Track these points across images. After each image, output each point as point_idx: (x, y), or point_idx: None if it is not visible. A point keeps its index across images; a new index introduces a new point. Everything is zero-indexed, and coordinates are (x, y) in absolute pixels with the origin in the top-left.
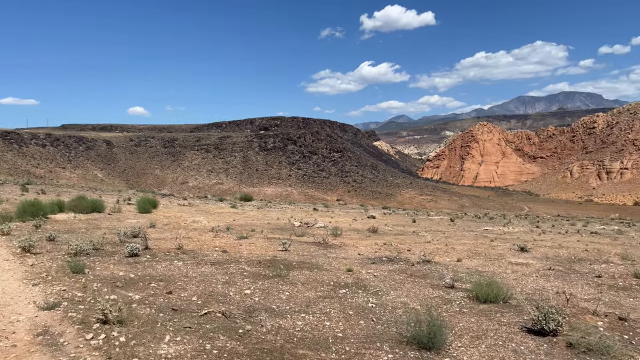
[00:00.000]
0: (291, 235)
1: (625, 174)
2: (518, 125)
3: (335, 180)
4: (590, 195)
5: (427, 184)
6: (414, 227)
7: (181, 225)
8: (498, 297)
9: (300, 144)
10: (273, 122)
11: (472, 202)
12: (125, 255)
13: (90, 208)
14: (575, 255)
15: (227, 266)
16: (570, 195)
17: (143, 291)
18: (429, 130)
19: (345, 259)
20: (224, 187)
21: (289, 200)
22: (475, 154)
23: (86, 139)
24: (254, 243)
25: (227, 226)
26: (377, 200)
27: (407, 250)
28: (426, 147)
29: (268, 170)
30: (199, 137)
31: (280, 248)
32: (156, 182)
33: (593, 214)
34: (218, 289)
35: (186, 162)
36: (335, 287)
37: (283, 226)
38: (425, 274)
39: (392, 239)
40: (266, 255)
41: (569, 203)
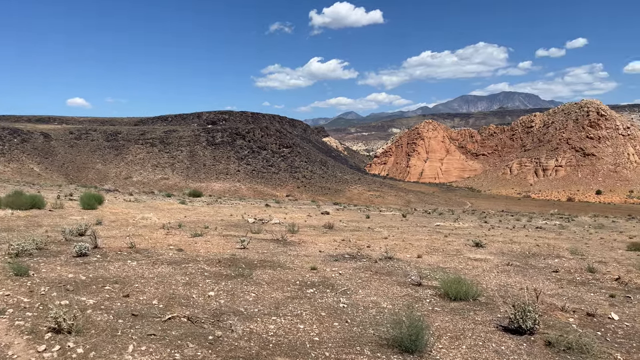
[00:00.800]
0: (247, 232)
1: (560, 171)
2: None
3: (284, 176)
4: (528, 191)
5: (375, 180)
6: (369, 223)
7: (130, 222)
8: (468, 294)
9: (249, 138)
10: (221, 116)
11: (417, 198)
12: (73, 255)
13: (29, 204)
14: (528, 250)
15: (185, 266)
16: (510, 191)
17: (97, 295)
18: (376, 127)
19: (307, 256)
20: (170, 182)
21: (238, 196)
22: (421, 150)
23: (21, 131)
24: (209, 241)
25: (179, 223)
26: (326, 196)
27: (366, 247)
28: (374, 144)
29: (216, 165)
30: (143, 130)
31: (238, 246)
32: (98, 176)
33: (532, 210)
34: (179, 290)
35: (130, 156)
36: (302, 287)
37: (237, 223)
38: (389, 271)
39: (349, 235)
40: (225, 254)
41: (509, 199)
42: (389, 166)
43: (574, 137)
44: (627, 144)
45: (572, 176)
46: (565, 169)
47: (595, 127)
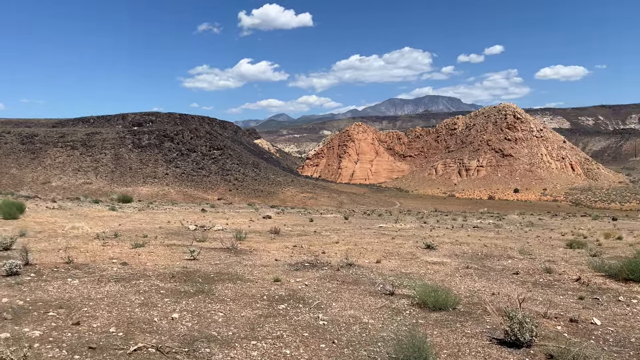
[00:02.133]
0: (192, 241)
1: (481, 171)
2: (389, 125)
3: (215, 179)
4: (452, 190)
5: (308, 182)
6: (313, 227)
7: (58, 233)
8: (447, 303)
9: (178, 141)
10: (148, 117)
11: (350, 199)
12: (2, 274)
13: None
14: (479, 252)
15: (135, 282)
16: (436, 190)
17: (41, 324)
18: (308, 129)
19: (264, 266)
20: (94, 187)
21: (169, 200)
22: (352, 152)
23: None
24: (153, 252)
25: (114, 232)
26: (259, 199)
27: (321, 253)
28: (306, 146)
29: (143, 168)
30: (63, 132)
31: (187, 257)
32: (13, 182)
33: (458, 208)
34: (137, 313)
35: (48, 160)
36: (272, 303)
37: (177, 230)
38: (355, 280)
39: (299, 241)
40: (175, 267)
41: (435, 198)
42: (321, 168)
43: (493, 139)
44: (541, 145)
45: (492, 176)
46: (486, 169)
47: (512, 129)
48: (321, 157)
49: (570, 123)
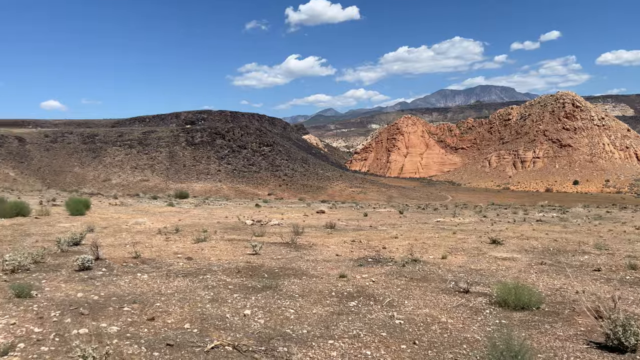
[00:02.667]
0: (252, 236)
1: (537, 163)
2: (440, 117)
3: (265, 175)
4: (507, 183)
5: (356, 176)
6: (368, 221)
7: (123, 229)
8: (530, 302)
9: (229, 138)
10: (200, 115)
11: (399, 193)
12: (75, 269)
13: (13, 212)
14: (550, 246)
15: (203, 278)
16: (489, 183)
17: (117, 319)
18: (355, 124)
19: (326, 261)
20: (150, 183)
21: (221, 196)
22: (401, 146)
23: None
24: (216, 247)
25: (175, 227)
26: (308, 194)
27: (382, 248)
28: (354, 140)
29: (196, 165)
30: (121, 132)
31: (249, 251)
32: (76, 180)
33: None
34: (208, 309)
35: (108, 158)
36: (342, 299)
37: (235, 225)
38: (423, 276)
39: (356, 236)
40: (238, 262)
41: (489, 191)
42: (370, 162)
43: (550, 129)
44: (602, 134)
45: (549, 167)
46: (543, 160)
47: (571, 118)
48: (369, 151)
49: (635, 110)
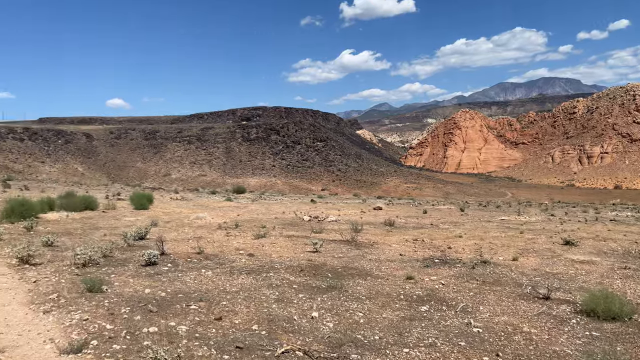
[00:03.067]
0: (310, 232)
1: (606, 158)
2: (499, 111)
3: (319, 170)
4: (571, 180)
5: (411, 172)
6: (428, 219)
7: (184, 223)
8: (622, 312)
9: (284, 133)
10: (255, 112)
11: (456, 189)
12: (142, 264)
13: (82, 205)
14: (632, 249)
15: (266, 275)
16: (552, 180)
17: (185, 317)
18: (411, 118)
19: (390, 261)
20: (208, 178)
21: (275, 191)
22: (458, 140)
23: (65, 133)
24: (275, 243)
25: (235, 222)
26: (362, 189)
27: (447, 248)
28: (409, 135)
29: (252, 160)
30: (180, 128)
31: (309, 249)
32: (138, 174)
33: (580, 198)
34: (274, 309)
35: (168, 154)
36: (411, 303)
37: (292, 221)
38: (496, 280)
39: (417, 234)
40: (300, 259)
41: (551, 188)
42: (425, 157)
43: (620, 123)
44: None
45: (618, 163)
46: (612, 155)
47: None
48: (425, 146)
49: None
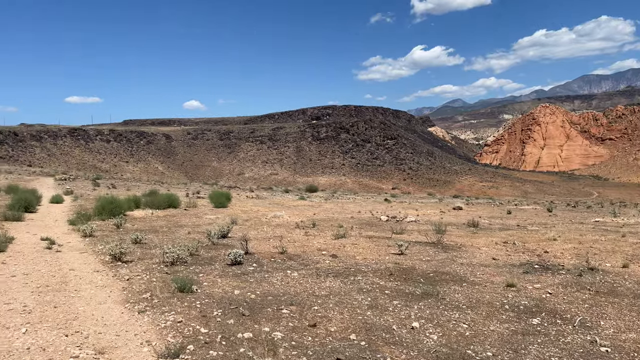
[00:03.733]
0: (391, 233)
1: None
2: (583, 105)
3: (389, 168)
4: None
5: (487, 170)
6: (513, 220)
7: (262, 221)
8: None
9: (353, 132)
10: (325, 111)
11: (536, 188)
12: (228, 263)
13: (166, 203)
14: None
15: (354, 279)
16: None
17: (278, 322)
18: (486, 114)
19: (483, 266)
20: (279, 177)
21: (344, 189)
22: (537, 137)
23: (147, 134)
24: (357, 244)
25: (312, 221)
26: (434, 188)
27: (543, 252)
28: (483, 132)
29: (321, 159)
30: (253, 128)
31: (393, 251)
32: (214, 173)
33: None
34: (370, 318)
35: (242, 153)
36: (519, 314)
37: (369, 221)
38: (610, 290)
39: (505, 236)
40: (385, 262)
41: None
42: (502, 155)
43: None
44: None
45: None
46: None
47: None
48: (501, 143)
49: None
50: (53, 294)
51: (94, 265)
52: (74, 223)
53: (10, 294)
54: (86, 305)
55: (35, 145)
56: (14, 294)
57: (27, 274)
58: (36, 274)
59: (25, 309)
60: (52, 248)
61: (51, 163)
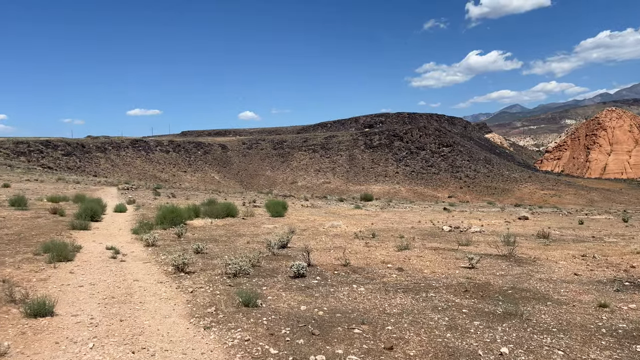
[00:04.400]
0: (456, 244)
1: None
2: None
3: (445, 176)
4: None
5: (548, 178)
6: (587, 231)
7: (320, 231)
8: None
9: (407, 139)
10: (378, 119)
11: (602, 196)
12: (290, 275)
13: (224, 212)
14: None
15: (425, 295)
16: None
17: (351, 344)
18: (546, 120)
19: (566, 282)
20: (332, 186)
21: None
22: (603, 142)
23: (203, 144)
24: (422, 256)
25: (371, 232)
26: (492, 196)
27: (631, 267)
28: (544, 138)
29: (374, 167)
30: (305, 137)
31: (462, 264)
32: (267, 182)
33: None
34: (451, 340)
35: (295, 162)
36: (620, 340)
37: (431, 231)
38: None
39: (582, 249)
40: (456, 276)
41: None
42: (564, 162)
43: None
44: None
45: None
46: None
47: None
48: (563, 149)
49: None
50: (119, 305)
51: (157, 276)
52: (137, 232)
53: (78, 305)
54: (151, 319)
55: (100, 156)
56: (81, 305)
57: (93, 284)
58: (102, 284)
59: (93, 322)
60: (116, 257)
61: (114, 173)
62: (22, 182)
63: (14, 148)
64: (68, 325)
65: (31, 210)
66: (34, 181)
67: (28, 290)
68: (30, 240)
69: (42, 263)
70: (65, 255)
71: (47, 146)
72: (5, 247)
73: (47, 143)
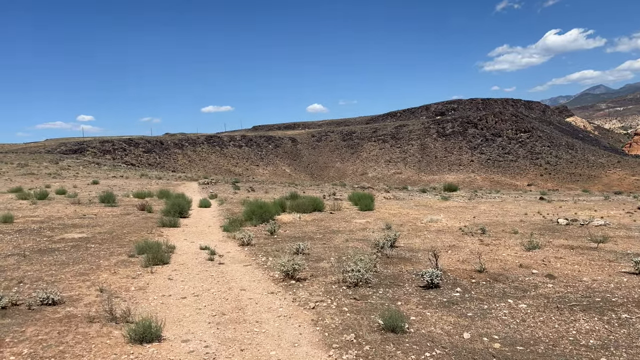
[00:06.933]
0: (587, 241)
1: None
2: None
3: (524, 164)
4: None
5: (639, 162)
6: None
7: (419, 226)
8: None
9: (482, 126)
10: (449, 106)
11: None
12: (420, 285)
13: (311, 207)
14: None
15: (617, 317)
16: None
17: None
18: (634, 100)
19: None
20: (403, 176)
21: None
22: None
23: (274, 138)
24: (562, 258)
25: (477, 226)
26: (576, 184)
27: None
28: (632, 120)
29: (447, 156)
30: (375, 128)
31: (622, 268)
32: (337, 174)
33: None
34: None
35: (364, 153)
36: None
37: (545, 225)
38: None
39: None
40: (627, 285)
41: None
42: None
43: None
44: None
45: None
46: None
47: None
48: None
49: None
50: (233, 327)
51: (265, 284)
52: (227, 229)
53: (186, 325)
54: (277, 348)
55: (177, 153)
56: (189, 326)
57: (197, 295)
58: (206, 295)
59: (208, 352)
60: (213, 259)
61: (191, 168)
62: (109, 178)
63: (100, 147)
64: (180, 356)
65: (120, 207)
66: (119, 177)
67: (128, 303)
68: (122, 240)
69: (138, 267)
70: (161, 257)
71: (130, 144)
72: (99, 247)
73: (130, 141)
